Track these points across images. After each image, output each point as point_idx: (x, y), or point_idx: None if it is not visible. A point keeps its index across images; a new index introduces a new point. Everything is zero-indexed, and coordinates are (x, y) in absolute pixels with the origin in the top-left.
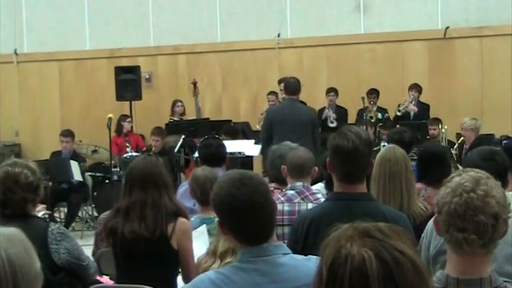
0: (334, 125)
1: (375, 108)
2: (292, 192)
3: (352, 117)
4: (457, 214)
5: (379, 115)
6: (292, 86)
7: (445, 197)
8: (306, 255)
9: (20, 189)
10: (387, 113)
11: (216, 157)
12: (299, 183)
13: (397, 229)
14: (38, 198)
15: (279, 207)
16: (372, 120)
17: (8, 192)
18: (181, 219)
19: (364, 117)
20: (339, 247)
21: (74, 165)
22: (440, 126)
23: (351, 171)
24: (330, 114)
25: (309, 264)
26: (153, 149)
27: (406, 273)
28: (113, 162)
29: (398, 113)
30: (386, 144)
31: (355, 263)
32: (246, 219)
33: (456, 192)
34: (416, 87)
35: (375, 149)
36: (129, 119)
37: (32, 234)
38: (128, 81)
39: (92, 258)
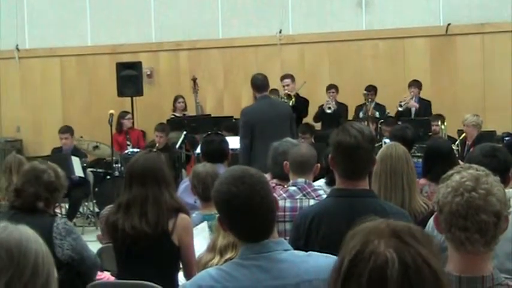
0: (330, 111)
1: (372, 105)
2: (294, 188)
3: (352, 114)
4: (459, 214)
5: (377, 113)
6: (260, 83)
7: (446, 197)
8: (307, 251)
9: (38, 185)
10: (386, 110)
11: (218, 153)
12: (301, 180)
13: (429, 237)
14: (53, 201)
15: (281, 203)
16: (372, 117)
17: (26, 183)
18: (182, 215)
19: (362, 115)
20: (366, 241)
21: (75, 161)
22: (439, 123)
23: (352, 167)
24: (331, 102)
25: (309, 260)
26: (157, 145)
27: (425, 283)
28: (114, 158)
29: (400, 108)
30: (388, 141)
31: (377, 262)
32: (244, 217)
33: (457, 191)
34: (416, 84)
35: (376, 145)
36: (128, 116)
37: (37, 228)
38: (129, 77)
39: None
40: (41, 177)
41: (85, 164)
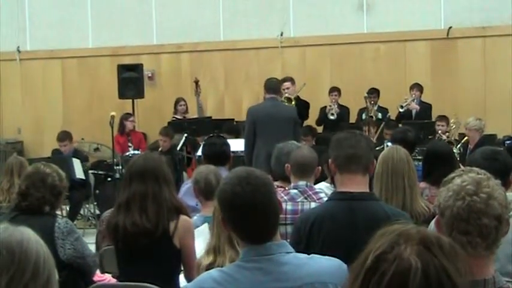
0: (334, 117)
1: (375, 108)
2: (295, 191)
3: (354, 117)
4: (460, 218)
5: (380, 115)
6: (273, 85)
7: (448, 200)
8: (308, 254)
9: (44, 188)
10: (388, 112)
11: (220, 156)
12: (302, 183)
13: (456, 251)
14: (57, 204)
15: (282, 206)
16: (373, 120)
17: (32, 187)
18: (183, 217)
19: (364, 117)
20: (394, 243)
21: (76, 163)
22: (451, 123)
23: (352, 153)
24: (333, 107)
25: (311, 263)
26: (160, 148)
27: None
28: (115, 160)
29: (401, 110)
30: (389, 144)
31: (400, 266)
32: (246, 218)
33: (459, 195)
34: (417, 87)
35: (378, 148)
36: (131, 118)
37: (39, 229)
38: (131, 79)
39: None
40: (45, 180)
41: (86, 168)
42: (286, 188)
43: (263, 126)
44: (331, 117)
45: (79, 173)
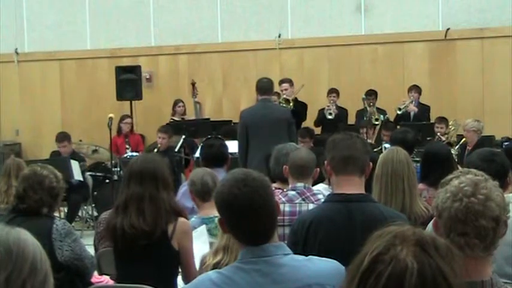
0: (332, 116)
1: (374, 110)
2: (293, 192)
3: (352, 118)
4: (458, 219)
5: (381, 116)
6: (265, 85)
7: (445, 202)
8: (306, 256)
9: (41, 190)
10: (386, 114)
11: (218, 158)
12: (300, 184)
13: (452, 252)
14: (55, 205)
15: (280, 207)
16: (377, 122)
17: (30, 189)
18: (181, 219)
19: (365, 119)
20: (390, 244)
21: (74, 165)
22: (450, 125)
23: (348, 154)
24: (332, 107)
25: (309, 265)
26: (159, 146)
27: None
28: (113, 162)
29: (399, 112)
30: (387, 145)
31: (396, 268)
32: (245, 220)
33: (456, 197)
34: (415, 89)
35: (376, 150)
36: (126, 120)
37: (37, 230)
38: (129, 81)
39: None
40: (43, 182)
41: (83, 169)
42: (284, 190)
43: (256, 128)
44: (329, 117)
45: (77, 175)
